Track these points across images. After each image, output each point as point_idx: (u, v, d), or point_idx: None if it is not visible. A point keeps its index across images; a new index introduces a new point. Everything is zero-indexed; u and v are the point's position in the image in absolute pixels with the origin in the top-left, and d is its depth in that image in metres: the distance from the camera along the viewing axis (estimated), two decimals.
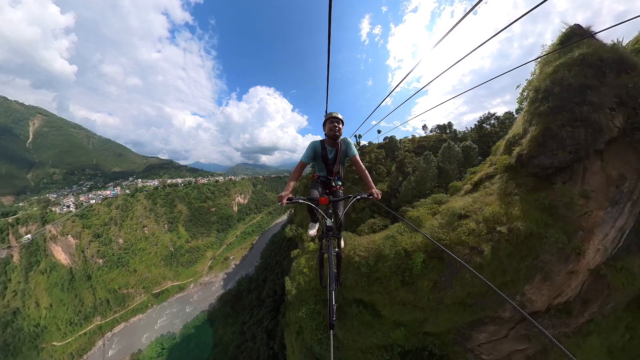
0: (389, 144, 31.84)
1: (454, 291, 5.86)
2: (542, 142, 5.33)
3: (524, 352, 5.86)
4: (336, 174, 2.68)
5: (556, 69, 5.36)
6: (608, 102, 4.77)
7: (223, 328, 45.45)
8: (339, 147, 2.52)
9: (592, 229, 4.87)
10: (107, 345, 49.83)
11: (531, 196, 5.30)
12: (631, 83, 4.76)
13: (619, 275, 4.85)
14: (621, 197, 4.67)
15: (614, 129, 4.69)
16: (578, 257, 4.96)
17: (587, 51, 5.23)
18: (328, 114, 2.47)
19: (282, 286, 34.42)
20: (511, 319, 5.91)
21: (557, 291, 5.37)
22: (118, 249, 62.51)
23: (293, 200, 1.98)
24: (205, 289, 62.38)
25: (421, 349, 6.88)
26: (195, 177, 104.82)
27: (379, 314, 7.39)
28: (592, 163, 4.90)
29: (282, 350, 25.52)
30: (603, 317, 5.58)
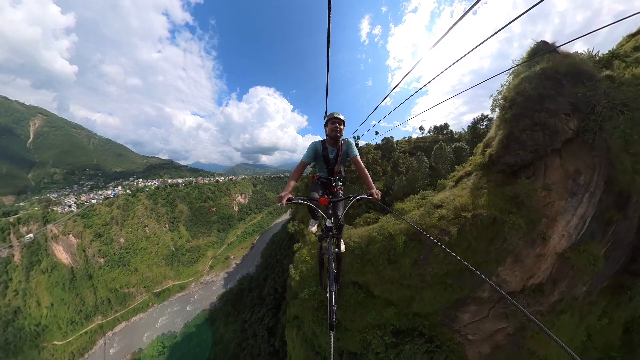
0: (385, 145, 32.62)
1: (431, 268, 6.87)
2: (507, 144, 6.29)
3: (505, 330, 6.56)
4: (337, 174, 2.67)
5: (521, 81, 6.21)
6: (563, 108, 5.56)
7: (224, 327, 45.74)
8: (340, 148, 2.52)
9: (555, 216, 5.64)
10: (108, 344, 49.94)
11: (499, 189, 6.31)
12: (585, 91, 5.49)
13: (581, 258, 5.54)
14: (578, 189, 5.46)
15: (569, 131, 5.47)
16: (544, 242, 5.71)
17: (546, 66, 6.04)
18: (330, 114, 2.46)
19: (282, 284, 34.86)
20: (490, 298, 6.64)
21: (529, 273, 6.05)
22: (119, 249, 62.70)
23: (293, 201, 1.97)
24: (206, 288, 62.62)
25: (412, 330, 7.54)
26: (196, 177, 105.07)
27: (372, 294, 8.24)
28: (552, 160, 5.73)
29: (282, 347, 25.92)
30: (574, 299, 6.23)
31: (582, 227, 5.50)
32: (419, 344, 7.14)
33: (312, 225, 2.77)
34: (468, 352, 7.17)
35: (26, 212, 66.97)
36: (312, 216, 2.74)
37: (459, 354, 7.30)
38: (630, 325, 7.01)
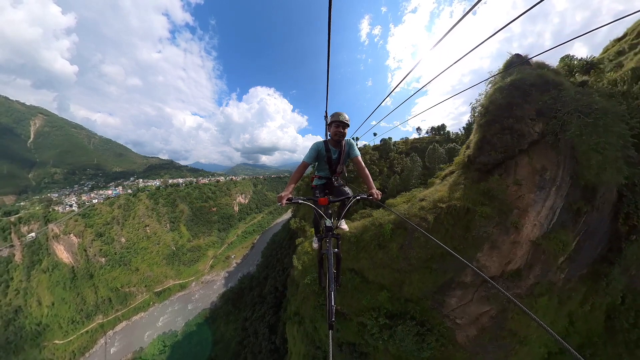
0: (383, 146, 33.30)
1: (415, 252, 7.85)
2: (481, 146, 7.26)
3: (488, 313, 7.22)
4: (339, 174, 2.72)
5: (494, 92, 7.12)
6: (529, 114, 6.38)
7: (225, 325, 45.97)
8: (343, 148, 2.57)
9: (526, 208, 6.42)
10: (109, 344, 50.04)
11: (474, 185, 7.30)
12: (549, 99, 6.23)
13: (551, 244, 6.29)
14: (545, 183, 6.23)
15: (534, 134, 6.28)
16: (517, 230, 6.47)
17: (516, 77, 6.89)
18: (334, 114, 2.43)
19: (283, 283, 35.18)
20: (473, 282, 7.32)
21: (506, 259, 6.75)
22: (120, 248, 62.87)
23: (293, 201, 1.98)
24: (206, 287, 62.86)
25: (404, 314, 8.20)
26: (196, 177, 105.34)
27: (367, 279, 9.06)
28: (521, 159, 6.58)
29: (283, 344, 26.22)
30: (552, 283, 6.82)
31: (552, 217, 6.22)
32: (410, 326, 7.81)
33: (315, 242, 2.71)
34: (458, 336, 7.79)
35: (27, 211, 67.09)
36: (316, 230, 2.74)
37: (450, 338, 7.91)
38: (611, 312, 7.57)
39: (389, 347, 8.38)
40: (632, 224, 6.71)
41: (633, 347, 7.40)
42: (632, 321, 7.54)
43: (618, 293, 7.60)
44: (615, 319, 7.55)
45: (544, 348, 7.16)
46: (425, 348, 7.76)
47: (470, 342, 7.66)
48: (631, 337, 7.49)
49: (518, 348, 7.24)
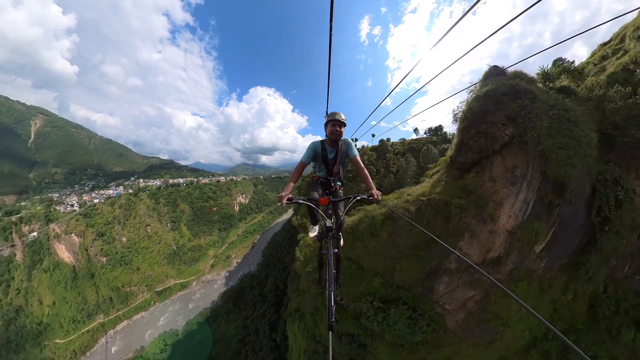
0: (380, 146, 34.03)
1: (402, 239, 8.88)
2: (459, 148, 8.39)
3: (474, 298, 7.97)
4: (336, 174, 2.67)
5: (472, 100, 8.16)
6: (500, 120, 7.32)
7: (226, 324, 46.29)
8: (340, 148, 2.53)
9: (501, 201, 7.32)
10: (110, 343, 50.19)
11: (454, 182, 8.34)
12: (517, 106, 7.14)
13: (525, 233, 7.12)
14: (516, 179, 7.13)
15: (505, 137, 7.25)
16: (494, 221, 7.36)
17: (490, 88, 7.87)
18: (331, 114, 2.44)
19: (284, 281, 35.60)
20: (457, 269, 8.10)
21: (486, 247, 7.56)
22: (121, 248, 63.11)
23: (293, 201, 1.98)
24: (207, 286, 63.18)
25: (397, 299, 8.97)
26: (197, 177, 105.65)
27: (362, 267, 9.98)
28: (495, 158, 7.54)
29: (284, 341, 26.62)
30: (530, 270, 7.52)
31: (526, 209, 7.03)
32: (402, 310, 8.57)
33: (311, 231, 2.75)
34: (448, 322, 8.51)
35: (28, 211, 67.25)
36: (312, 219, 2.77)
37: (440, 323, 8.62)
38: (594, 300, 8.18)
39: (384, 330, 9.05)
40: (605, 216, 7.36)
41: (615, 334, 7.99)
42: (613, 309, 8.14)
43: (600, 282, 8.21)
44: (598, 307, 8.15)
45: (528, 333, 7.74)
46: (417, 332, 8.41)
47: (459, 327, 8.33)
48: (613, 324, 8.07)
49: (503, 331, 7.89)
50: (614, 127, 7.66)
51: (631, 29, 10.57)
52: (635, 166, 7.91)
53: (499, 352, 8.06)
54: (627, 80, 8.13)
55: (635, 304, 8.14)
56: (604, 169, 7.34)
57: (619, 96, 7.60)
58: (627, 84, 7.87)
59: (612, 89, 7.84)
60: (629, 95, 7.57)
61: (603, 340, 8.05)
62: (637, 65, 8.09)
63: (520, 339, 7.94)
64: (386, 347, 9.69)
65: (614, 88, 7.84)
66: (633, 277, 8.42)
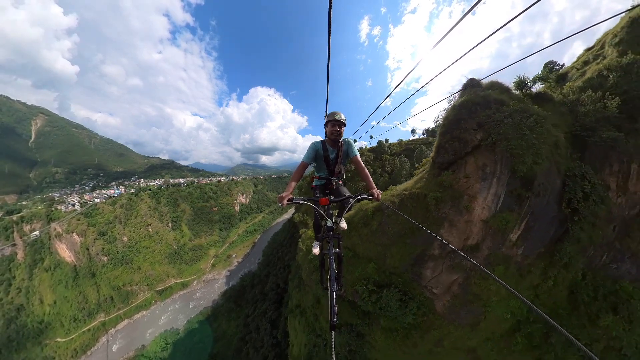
0: (378, 147, 35.10)
1: (390, 227, 10.28)
2: (438, 150, 9.75)
3: (457, 281, 8.99)
4: (337, 174, 2.69)
5: (450, 109, 9.52)
6: (472, 126, 8.58)
7: (226, 322, 46.74)
8: (340, 148, 2.55)
9: (475, 194, 8.54)
10: (111, 342, 50.44)
11: (434, 179, 9.79)
12: (486, 115, 8.41)
13: (495, 221, 8.26)
14: (487, 176, 8.38)
15: (476, 140, 8.56)
16: (469, 212, 8.55)
17: (464, 99, 9.11)
18: (330, 114, 2.45)
19: (284, 279, 36.16)
20: (440, 254, 9.18)
21: (464, 235, 8.67)
22: (122, 247, 63.57)
23: (294, 201, 1.99)
24: (208, 285, 63.66)
25: (389, 284, 10.01)
26: (198, 177, 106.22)
27: (358, 254, 11.18)
28: (468, 159, 8.86)
29: (285, 338, 27.16)
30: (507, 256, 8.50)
31: (498, 202, 8.20)
32: (393, 292, 9.65)
33: (315, 247, 2.72)
34: (437, 306, 9.51)
35: (29, 210, 67.60)
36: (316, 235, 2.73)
37: (430, 307, 9.59)
38: (574, 287, 8.95)
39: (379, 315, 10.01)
40: (574, 208, 8.24)
41: (594, 318, 8.74)
42: (592, 295, 8.89)
43: (579, 270, 8.97)
44: (577, 293, 8.91)
45: (511, 315, 8.52)
46: (408, 313, 9.34)
47: (447, 310, 9.25)
48: (592, 309, 8.82)
49: (485, 312, 8.75)
50: (584, 128, 8.57)
51: (610, 36, 11.42)
52: (609, 163, 8.78)
53: (485, 335, 8.85)
54: (601, 85, 8.96)
55: (612, 290, 8.90)
56: (573, 166, 8.28)
57: (590, 100, 8.46)
58: (601, 89, 8.70)
59: (585, 94, 8.70)
60: (598, 99, 8.42)
61: (583, 325, 8.78)
62: (610, 72, 8.92)
63: (503, 321, 8.74)
64: (382, 334, 10.47)
65: (587, 93, 8.69)
66: (610, 265, 9.19)
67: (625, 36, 10.50)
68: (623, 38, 10.51)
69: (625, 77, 8.58)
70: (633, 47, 9.83)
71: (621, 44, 10.39)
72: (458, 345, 9.27)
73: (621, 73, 8.67)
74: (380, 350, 10.88)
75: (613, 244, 9.07)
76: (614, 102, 8.13)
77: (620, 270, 9.17)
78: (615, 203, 8.93)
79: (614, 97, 8.26)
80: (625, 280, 8.97)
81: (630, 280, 8.98)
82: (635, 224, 9.05)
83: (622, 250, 9.11)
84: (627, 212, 9.05)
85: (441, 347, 9.49)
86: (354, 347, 11.70)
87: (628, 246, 9.08)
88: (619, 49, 10.15)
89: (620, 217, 9.05)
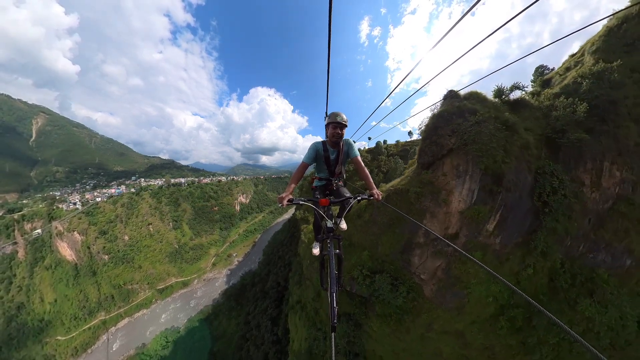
0: (375, 149, 36.37)
1: (380, 217, 11.73)
2: (420, 153, 11.40)
3: (441, 266, 10.12)
4: (338, 174, 2.69)
5: (430, 118, 11.04)
6: (447, 133, 9.99)
7: (227, 321, 47.22)
8: (341, 149, 2.56)
9: (452, 189, 9.93)
10: (111, 340, 50.74)
11: (417, 177, 11.27)
12: (457, 123, 9.76)
13: (470, 212, 9.46)
14: (460, 174, 9.73)
15: (450, 144, 9.92)
16: (447, 205, 9.92)
17: (441, 109, 10.54)
18: (331, 115, 2.44)
19: (285, 278, 36.83)
20: (425, 242, 10.42)
21: (445, 225, 9.93)
22: (123, 246, 64.08)
23: (294, 202, 2.00)
24: (209, 284, 64.28)
25: (381, 271, 11.18)
26: (198, 177, 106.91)
27: (353, 244, 12.40)
28: (445, 160, 10.35)
29: (285, 334, 27.80)
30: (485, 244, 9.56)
31: (472, 196, 9.49)
32: (385, 277, 10.81)
33: (315, 247, 2.74)
34: (425, 291, 10.61)
35: (30, 209, 68.02)
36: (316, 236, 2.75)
37: (419, 292, 10.68)
38: (553, 275, 9.81)
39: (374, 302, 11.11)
40: (544, 201, 9.24)
41: (572, 303, 9.61)
42: (570, 282, 9.75)
43: (557, 260, 9.83)
44: (557, 281, 9.78)
45: (493, 299, 9.41)
46: (398, 296, 10.42)
47: (434, 294, 10.30)
48: (570, 295, 9.67)
49: (467, 294, 9.71)
50: (555, 131, 9.59)
51: (589, 44, 12.42)
52: (583, 162, 9.74)
53: (471, 318, 9.74)
54: (576, 90, 9.93)
55: (589, 277, 9.77)
56: (543, 164, 9.34)
57: (562, 106, 9.44)
58: (575, 94, 9.68)
59: (558, 100, 9.69)
60: (569, 105, 9.40)
61: (562, 309, 9.62)
62: (584, 79, 9.89)
63: (486, 305, 9.65)
64: (377, 320, 11.32)
65: (560, 99, 9.67)
66: (587, 255, 10.07)
67: (602, 45, 11.50)
68: (599, 47, 11.51)
69: (597, 84, 9.55)
70: (608, 55, 10.81)
71: (597, 52, 11.38)
72: (447, 329, 10.16)
73: (593, 80, 9.64)
74: (378, 339, 11.70)
75: (589, 235, 9.98)
76: (582, 107, 9.15)
77: (597, 259, 10.08)
78: (590, 198, 9.86)
79: (582, 102, 9.25)
80: (601, 269, 9.85)
81: (605, 268, 9.86)
82: (609, 216, 9.98)
83: (598, 241, 10.03)
84: (601, 206, 9.99)
85: (432, 331, 10.38)
86: (353, 337, 12.47)
87: (603, 237, 9.99)
88: (595, 57, 11.13)
89: (595, 210, 9.97)
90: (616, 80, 9.52)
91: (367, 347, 12.21)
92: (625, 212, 9.78)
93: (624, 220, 9.82)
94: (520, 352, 9.27)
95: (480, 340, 9.67)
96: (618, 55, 10.63)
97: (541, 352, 8.98)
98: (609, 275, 9.62)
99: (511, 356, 9.29)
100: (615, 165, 9.66)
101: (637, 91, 10.23)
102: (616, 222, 9.84)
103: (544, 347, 9.01)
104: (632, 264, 9.86)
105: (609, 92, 9.40)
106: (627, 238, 9.77)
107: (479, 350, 9.70)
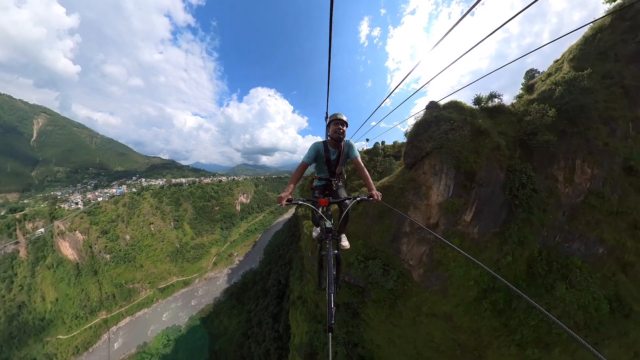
0: (373, 150, 37.81)
1: (371, 210, 13.12)
2: (405, 155, 13.21)
3: (425, 252, 11.50)
4: (338, 175, 2.70)
5: (413, 126, 12.67)
6: (425, 138, 11.50)
7: (228, 319, 47.87)
8: (342, 149, 2.57)
9: (431, 185, 11.44)
10: (113, 339, 51.23)
11: (402, 175, 12.96)
12: (433, 130, 11.23)
13: (447, 204, 10.92)
14: (436, 172, 11.31)
15: (428, 148, 11.42)
16: (427, 198, 11.45)
17: (422, 118, 12.12)
18: (333, 115, 2.49)
19: (286, 276, 37.63)
20: (410, 231, 11.90)
21: (427, 215, 11.46)
22: (125, 245, 64.82)
23: (293, 202, 2.03)
24: (210, 283, 65.09)
25: (374, 258, 12.55)
26: (199, 177, 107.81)
27: (349, 233, 13.99)
28: (424, 161, 12.01)
29: (286, 331, 28.59)
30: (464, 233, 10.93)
31: (449, 191, 10.97)
32: (377, 263, 12.22)
33: (315, 232, 2.78)
34: (414, 276, 11.93)
35: (32, 209, 68.64)
36: (314, 222, 2.76)
37: (408, 277, 12.04)
38: (531, 263, 10.89)
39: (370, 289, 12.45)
40: (514, 194, 10.48)
41: (550, 288, 10.64)
42: (547, 269, 10.81)
43: (535, 249, 10.90)
44: (534, 268, 10.83)
45: (474, 282, 10.51)
46: (389, 279, 11.73)
47: (421, 279, 11.63)
48: (548, 281, 10.72)
49: (449, 277, 10.93)
50: (526, 134, 10.85)
51: (568, 52, 13.59)
52: (557, 160, 10.91)
53: (456, 300, 10.88)
54: (550, 96, 11.07)
55: (564, 264, 10.85)
56: (513, 163, 10.68)
57: (535, 111, 10.60)
58: (550, 100, 10.82)
59: (532, 106, 10.87)
60: (540, 110, 10.59)
61: (541, 294, 10.64)
62: (557, 86, 11.03)
63: (468, 288, 10.82)
64: (373, 306, 12.42)
65: (533, 105, 10.83)
66: (563, 244, 11.17)
67: (578, 53, 12.68)
68: (576, 55, 12.69)
69: (569, 90, 10.69)
70: (583, 63, 11.97)
71: (574, 60, 12.55)
72: (435, 311, 11.35)
73: (565, 87, 10.79)
74: (374, 327, 12.72)
75: (564, 226, 11.10)
76: (551, 112, 10.34)
77: (572, 248, 11.23)
78: (564, 193, 10.98)
79: (552, 108, 10.47)
80: (576, 257, 10.94)
81: (580, 256, 10.95)
82: (582, 209, 11.11)
83: (572, 231, 11.19)
84: (574, 200, 11.12)
85: (422, 314, 11.58)
86: (351, 327, 13.45)
87: (576, 228, 11.14)
88: (572, 65, 12.28)
89: (569, 204, 11.09)
90: (587, 86, 10.60)
91: (365, 336, 13.19)
92: (596, 205, 10.92)
93: (595, 213, 10.95)
94: (504, 333, 10.31)
95: (467, 323, 10.72)
96: (592, 63, 11.81)
97: (522, 333, 9.96)
98: (583, 262, 10.71)
99: (496, 337, 10.29)
100: (587, 163, 10.82)
101: (608, 96, 11.40)
102: (588, 214, 10.96)
103: (524, 328, 10.02)
104: (604, 252, 10.93)
105: (578, 97, 10.50)
106: (599, 228, 10.89)
107: (467, 333, 10.76)
